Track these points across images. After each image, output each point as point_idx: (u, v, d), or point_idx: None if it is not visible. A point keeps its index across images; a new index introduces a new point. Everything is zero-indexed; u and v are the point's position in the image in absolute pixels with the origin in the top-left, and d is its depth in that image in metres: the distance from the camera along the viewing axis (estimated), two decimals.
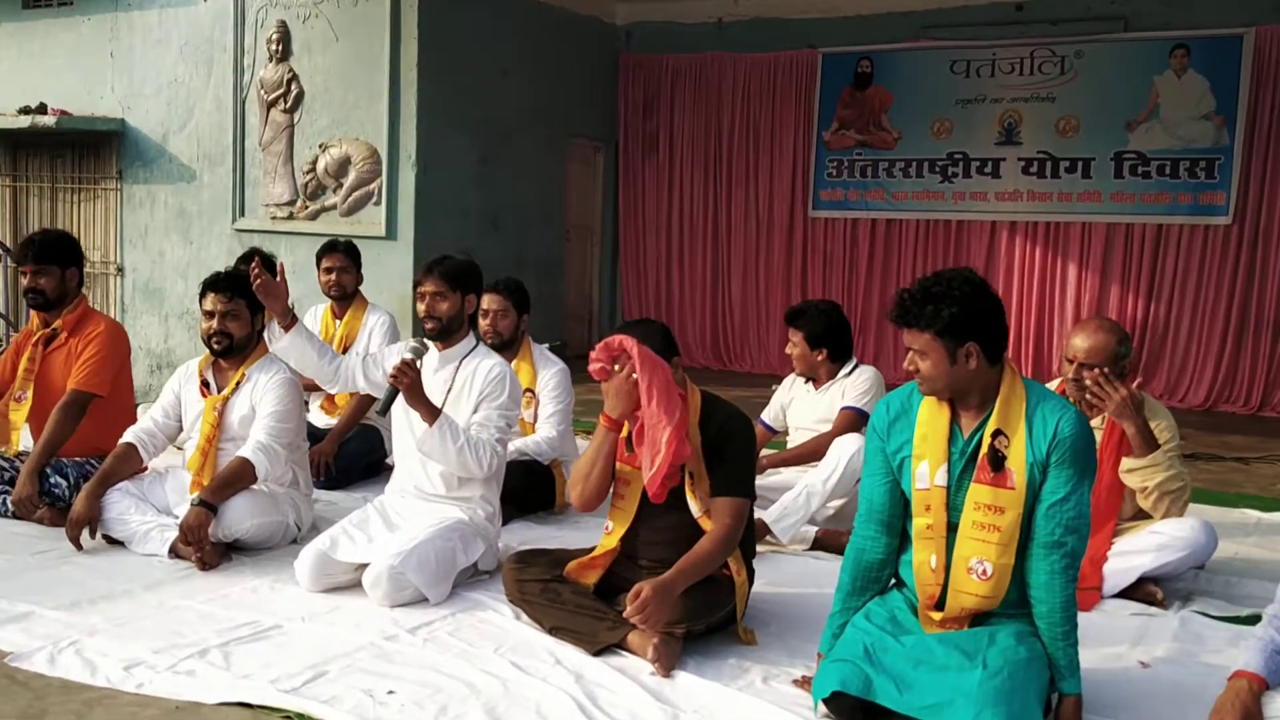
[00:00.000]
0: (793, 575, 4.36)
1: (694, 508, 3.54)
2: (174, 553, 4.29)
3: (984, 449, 2.97)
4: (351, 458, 5.64)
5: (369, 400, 5.68)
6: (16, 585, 3.95)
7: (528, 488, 4.99)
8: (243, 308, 4.48)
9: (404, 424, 4.19)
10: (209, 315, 4.49)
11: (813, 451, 4.92)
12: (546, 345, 5.58)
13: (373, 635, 3.58)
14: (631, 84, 11.72)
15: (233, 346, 4.50)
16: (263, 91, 9.84)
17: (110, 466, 4.49)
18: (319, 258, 6.12)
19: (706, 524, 3.52)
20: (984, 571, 2.97)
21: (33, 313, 5.05)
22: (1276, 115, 9.28)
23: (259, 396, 4.46)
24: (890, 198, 10.70)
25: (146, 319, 10.59)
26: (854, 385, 5.02)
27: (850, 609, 3.17)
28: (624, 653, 3.46)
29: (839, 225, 10.95)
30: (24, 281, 5.03)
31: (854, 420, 4.91)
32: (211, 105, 10.14)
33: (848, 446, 4.68)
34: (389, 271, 9.17)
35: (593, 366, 3.50)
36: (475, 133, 9.82)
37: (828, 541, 4.68)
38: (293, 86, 9.73)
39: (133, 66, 10.46)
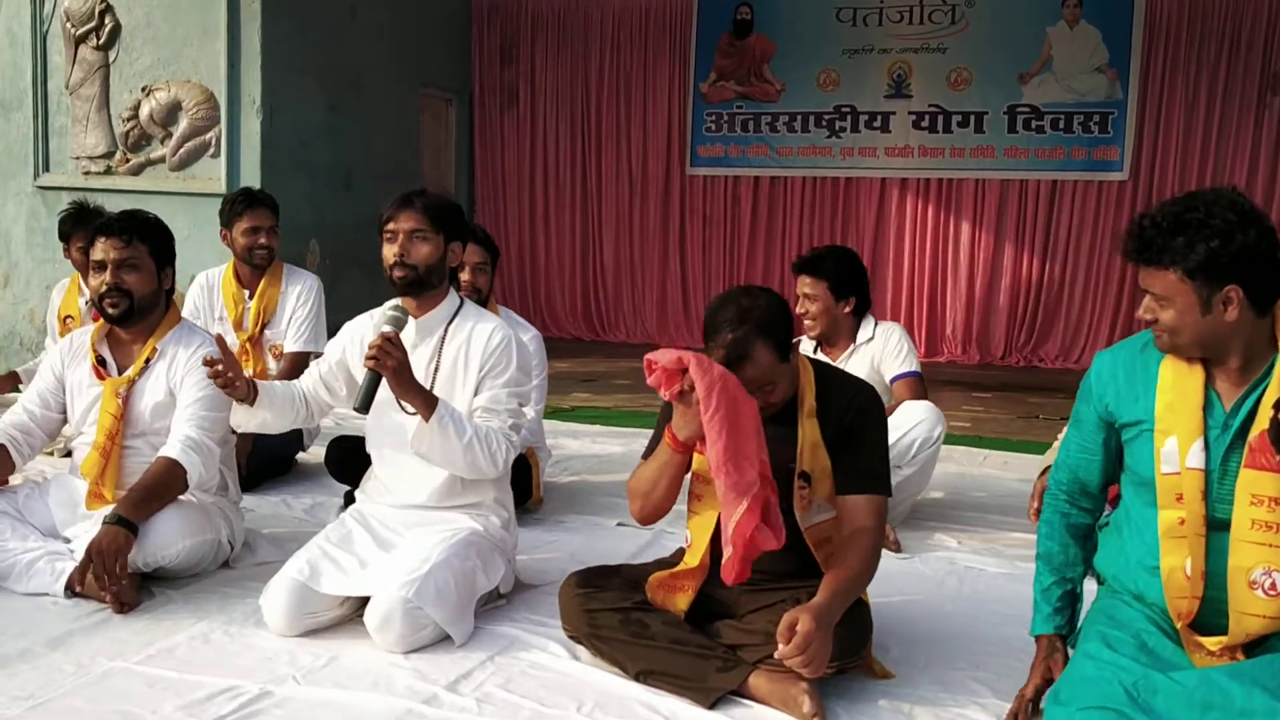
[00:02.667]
0: None
1: (801, 520, 2.73)
2: (71, 589, 3.17)
3: (1260, 423, 2.27)
4: (268, 454, 4.54)
5: (288, 378, 4.62)
6: None
7: None
8: (144, 255, 3.37)
9: (385, 416, 3.18)
10: (99, 268, 3.36)
11: None
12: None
13: (405, 698, 2.60)
14: (486, 29, 10.69)
15: (133, 308, 3.37)
16: (69, 24, 8.38)
17: None
18: (234, 215, 4.86)
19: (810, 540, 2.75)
20: (1272, 585, 2.26)
21: None
22: (1169, 68, 9.08)
23: (178, 377, 3.38)
24: (774, 154, 10.07)
25: None
26: (889, 350, 4.23)
27: (1069, 580, 2.62)
28: (742, 700, 2.63)
29: (719, 183, 10.26)
30: None
31: (919, 388, 4.20)
32: (4, 41, 8.63)
33: (915, 414, 4.02)
34: None
35: (658, 380, 2.58)
36: (323, 78, 8.65)
37: None
38: (106, 19, 8.31)
39: None
